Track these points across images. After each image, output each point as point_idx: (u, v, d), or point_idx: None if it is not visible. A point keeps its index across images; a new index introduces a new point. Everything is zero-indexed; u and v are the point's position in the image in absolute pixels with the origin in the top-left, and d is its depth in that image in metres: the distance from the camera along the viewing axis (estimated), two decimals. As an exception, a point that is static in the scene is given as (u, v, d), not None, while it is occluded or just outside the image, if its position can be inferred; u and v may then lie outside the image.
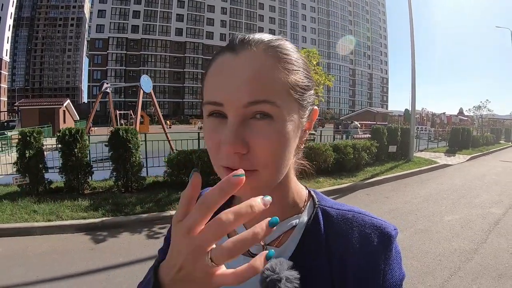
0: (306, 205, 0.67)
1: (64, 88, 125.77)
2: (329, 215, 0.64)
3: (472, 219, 6.61)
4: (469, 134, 21.69)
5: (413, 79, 15.29)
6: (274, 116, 0.52)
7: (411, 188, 9.56)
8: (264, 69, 0.53)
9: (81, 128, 7.41)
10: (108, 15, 69.44)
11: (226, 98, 0.52)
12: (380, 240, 0.58)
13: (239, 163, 0.52)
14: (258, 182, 0.54)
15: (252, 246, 0.50)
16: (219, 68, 0.55)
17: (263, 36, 0.57)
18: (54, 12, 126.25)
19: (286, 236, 0.63)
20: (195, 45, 76.93)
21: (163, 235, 5.39)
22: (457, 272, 4.26)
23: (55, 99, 36.71)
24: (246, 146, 0.52)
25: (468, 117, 50.39)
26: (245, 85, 0.52)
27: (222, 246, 0.41)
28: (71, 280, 3.94)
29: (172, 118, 59.69)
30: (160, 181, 8.26)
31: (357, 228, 0.60)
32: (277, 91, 0.53)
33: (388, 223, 0.62)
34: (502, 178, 11.65)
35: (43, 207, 6.15)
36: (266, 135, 0.52)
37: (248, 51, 0.54)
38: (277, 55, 0.55)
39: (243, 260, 0.55)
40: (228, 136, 0.51)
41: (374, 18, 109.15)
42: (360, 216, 0.62)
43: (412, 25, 15.35)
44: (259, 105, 0.52)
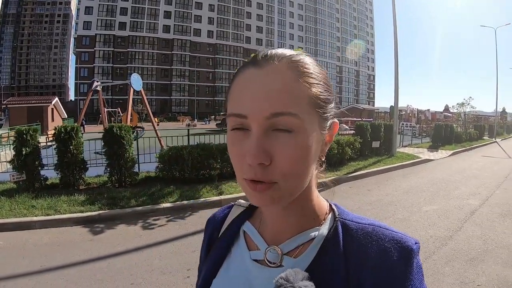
0: (326, 218, 0.66)
1: (51, 86, 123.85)
2: (348, 228, 0.63)
3: (449, 209, 6.98)
4: (452, 130, 22.16)
5: (396, 77, 15.73)
6: (296, 128, 0.54)
7: (392, 182, 9.93)
8: (286, 82, 0.54)
9: (76, 126, 7.63)
10: (95, 12, 68.43)
11: (250, 110, 0.54)
12: (400, 254, 0.57)
13: (261, 175, 0.53)
14: (278, 194, 0.55)
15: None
16: (243, 81, 0.57)
17: (285, 51, 0.59)
18: (40, 8, 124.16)
19: (304, 248, 0.63)
20: (182, 42, 76.26)
21: (157, 226, 5.77)
22: (431, 256, 4.61)
23: (43, 97, 36.34)
24: (269, 157, 0.53)
25: (453, 113, 51.13)
26: (268, 97, 0.53)
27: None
28: (74, 268, 4.19)
29: (160, 115, 59.12)
30: (152, 176, 8.55)
31: (376, 242, 0.59)
32: (299, 104, 0.54)
33: (409, 237, 0.60)
34: (482, 172, 12.06)
35: (41, 202, 6.36)
36: (288, 147, 0.53)
37: (271, 65, 0.55)
38: (298, 69, 0.56)
39: (260, 269, 0.64)
40: (252, 147, 0.53)
41: (361, 16, 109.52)
42: (380, 230, 0.61)
43: (395, 25, 15.70)
44: (281, 117, 0.53)
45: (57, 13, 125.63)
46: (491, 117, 57.32)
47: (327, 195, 0.72)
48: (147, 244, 4.94)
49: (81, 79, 66.97)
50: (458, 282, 3.90)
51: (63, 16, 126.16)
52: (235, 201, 0.82)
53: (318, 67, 0.60)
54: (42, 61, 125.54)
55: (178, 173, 8.15)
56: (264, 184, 0.54)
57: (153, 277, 3.95)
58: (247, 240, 0.70)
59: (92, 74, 66.07)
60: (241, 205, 0.79)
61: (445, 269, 4.22)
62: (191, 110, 68.83)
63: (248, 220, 0.73)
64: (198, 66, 76.27)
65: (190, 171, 8.09)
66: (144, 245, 4.91)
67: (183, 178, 8.09)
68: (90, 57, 68.57)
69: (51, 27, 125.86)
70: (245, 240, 0.70)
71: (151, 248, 4.84)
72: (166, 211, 6.48)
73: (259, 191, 0.55)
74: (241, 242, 0.70)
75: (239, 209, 0.78)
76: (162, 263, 4.30)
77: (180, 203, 6.78)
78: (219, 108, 74.52)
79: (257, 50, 0.62)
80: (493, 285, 3.86)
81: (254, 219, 0.73)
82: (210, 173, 8.34)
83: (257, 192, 0.55)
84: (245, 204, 0.78)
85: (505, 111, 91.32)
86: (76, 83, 69.02)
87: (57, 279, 3.91)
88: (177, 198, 6.97)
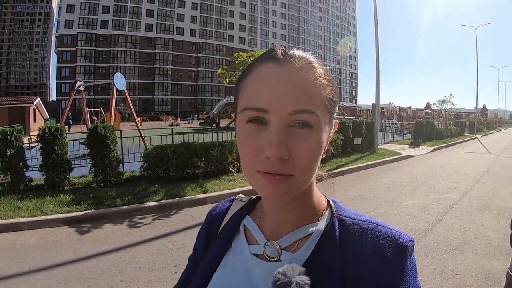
0: (324, 214, 0.67)
1: (32, 85, 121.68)
2: (345, 224, 0.64)
3: (429, 203, 7.23)
4: (433, 127, 22.63)
5: (377, 75, 16.00)
6: (314, 126, 0.56)
7: (374, 177, 10.17)
8: (307, 82, 0.56)
9: (60, 126, 7.61)
10: (77, 10, 67.26)
11: (272, 105, 0.55)
12: (394, 251, 0.58)
13: (280, 168, 0.55)
14: (292, 187, 0.57)
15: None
16: (263, 76, 0.57)
17: (301, 52, 0.60)
18: (21, 6, 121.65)
19: (302, 243, 0.64)
20: (165, 41, 75.59)
21: (144, 224, 5.84)
22: (411, 247, 4.82)
23: (25, 97, 35.60)
24: (288, 151, 0.55)
25: (434, 111, 51.91)
26: (292, 94, 0.55)
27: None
28: (63, 268, 4.22)
29: (143, 115, 58.44)
30: (137, 176, 8.61)
31: (372, 239, 0.60)
32: (317, 103, 0.56)
33: (404, 234, 0.61)
34: (462, 167, 12.42)
35: (26, 203, 6.32)
36: (307, 143, 0.55)
37: (293, 64, 0.57)
38: (315, 71, 0.58)
39: (259, 263, 0.65)
40: (274, 140, 0.54)
41: (344, 14, 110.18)
42: (375, 227, 0.62)
43: (376, 24, 15.97)
44: (303, 114, 0.55)
45: (38, 11, 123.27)
46: (472, 114, 58.36)
47: (325, 189, 0.77)
48: (134, 242, 5.01)
49: (63, 79, 65.99)
50: (438, 272, 4.08)
51: (44, 14, 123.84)
52: (220, 198, 0.87)
53: (327, 69, 0.63)
54: (23, 60, 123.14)
55: (162, 172, 8.20)
56: (281, 176, 0.55)
57: (141, 274, 4.03)
58: (247, 234, 0.71)
59: (74, 73, 65.02)
60: (242, 200, 0.81)
61: (425, 260, 4.40)
62: (174, 109, 68.39)
63: (248, 215, 0.75)
64: (181, 65, 75.73)
65: (174, 169, 8.15)
66: (131, 243, 4.98)
67: (168, 177, 8.15)
68: (72, 56, 67.43)
69: (32, 26, 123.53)
70: (245, 235, 0.71)
71: (138, 246, 4.91)
72: (152, 210, 6.54)
73: (275, 183, 0.56)
74: (241, 236, 0.72)
75: (240, 204, 0.80)
76: (149, 260, 4.38)
77: (165, 201, 6.85)
78: (202, 107, 74.16)
79: (238, 49, 0.66)
80: (471, 274, 4.05)
81: (254, 214, 0.75)
82: (194, 172, 8.40)
83: (272, 184, 0.56)
84: (246, 199, 0.81)
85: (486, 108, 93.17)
86: (58, 83, 67.83)
87: (46, 279, 3.93)
88: (162, 197, 7.04)
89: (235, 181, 8.35)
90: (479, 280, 3.92)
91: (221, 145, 8.87)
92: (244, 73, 0.62)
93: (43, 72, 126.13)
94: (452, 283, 3.85)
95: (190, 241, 5.02)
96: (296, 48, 0.61)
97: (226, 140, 9.39)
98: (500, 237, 5.29)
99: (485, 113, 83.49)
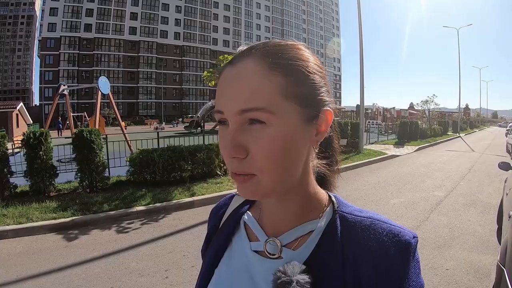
0: (325, 210, 0.65)
1: (14, 90, 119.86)
2: (347, 221, 0.62)
3: (416, 201, 7.36)
4: (417, 126, 22.94)
5: (362, 77, 16.17)
6: (267, 122, 0.53)
7: (361, 177, 10.27)
8: (253, 78, 0.54)
9: (45, 131, 7.49)
10: (60, 13, 66.43)
11: (224, 106, 0.55)
12: (397, 248, 0.57)
13: (237, 168, 0.55)
14: (257, 187, 0.56)
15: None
16: (220, 79, 0.58)
17: (260, 43, 0.58)
18: (4, 9, 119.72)
19: (303, 240, 0.63)
20: (149, 44, 75.22)
21: (132, 229, 5.80)
22: (400, 245, 4.90)
23: (7, 102, 34.89)
24: (245, 151, 0.54)
25: (418, 111, 52.60)
26: (237, 94, 0.54)
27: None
28: (51, 276, 4.16)
29: (127, 119, 57.96)
30: (123, 180, 8.53)
31: (374, 236, 0.58)
32: (268, 97, 0.53)
33: (408, 231, 0.60)
34: (447, 165, 12.68)
35: (11, 210, 6.21)
36: (261, 140, 0.54)
37: (242, 62, 0.56)
38: (269, 60, 0.55)
39: (260, 260, 0.64)
40: (227, 141, 0.55)
41: (327, 17, 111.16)
42: (378, 223, 0.60)
43: (360, 28, 16.15)
44: (251, 113, 0.53)
45: (21, 15, 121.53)
46: (455, 113, 59.29)
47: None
48: (123, 247, 4.97)
49: (46, 83, 65.00)
50: (427, 267, 4.16)
51: (27, 18, 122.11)
52: (208, 202, 0.88)
53: (302, 55, 0.59)
54: (5, 64, 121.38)
55: (149, 176, 8.16)
56: (242, 176, 0.55)
57: (132, 279, 4.00)
58: (247, 230, 0.71)
59: (57, 77, 64.23)
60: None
61: (415, 256, 4.50)
62: (159, 113, 67.97)
63: (248, 211, 0.74)
64: (165, 68, 75.33)
65: (161, 173, 8.11)
66: (120, 249, 4.94)
67: (154, 181, 8.11)
68: (55, 60, 66.60)
69: (14, 29, 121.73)
70: (246, 231, 0.71)
71: (127, 251, 4.87)
72: (140, 215, 6.50)
73: (240, 183, 0.56)
74: (241, 232, 0.71)
75: (240, 200, 0.79)
76: (139, 266, 4.35)
77: (153, 205, 6.82)
78: (186, 111, 73.97)
79: (222, 52, 0.63)
80: (461, 269, 4.15)
81: (254, 210, 0.74)
82: (181, 175, 8.36)
83: (239, 184, 0.57)
84: None
85: (468, 107, 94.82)
86: (41, 87, 66.77)
87: (34, 287, 3.88)
88: (149, 201, 7.00)
89: (222, 184, 8.34)
90: (469, 274, 4.02)
91: (208, 148, 8.87)
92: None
93: (25, 76, 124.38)
94: (443, 278, 3.94)
95: (179, 245, 5.02)
96: (263, 41, 0.59)
97: (213, 143, 9.38)
98: (487, 232, 5.43)
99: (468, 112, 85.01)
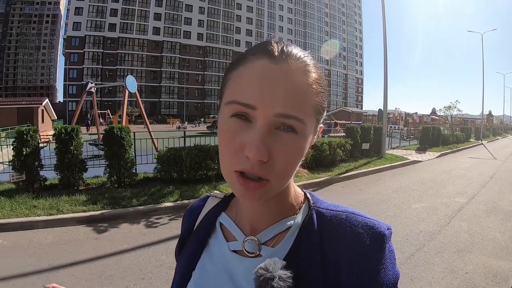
0: (301, 207, 0.67)
1: (38, 86, 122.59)
2: (323, 216, 0.63)
3: (437, 206, 7.33)
4: (439, 132, 22.61)
5: (385, 81, 16.05)
6: (298, 132, 0.54)
7: (382, 182, 10.25)
8: (300, 86, 0.55)
9: (76, 127, 7.71)
10: (85, 12, 67.56)
11: (261, 103, 0.53)
12: (372, 239, 0.58)
13: (258, 170, 0.53)
14: (267, 192, 0.56)
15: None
16: (256, 71, 0.55)
17: (300, 52, 0.58)
18: (29, 8, 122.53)
19: (281, 237, 0.64)
20: (172, 44, 75.77)
21: (161, 224, 5.93)
22: (422, 248, 4.94)
23: (33, 98, 35.92)
24: (269, 154, 0.53)
25: (440, 116, 51.82)
26: (283, 96, 0.53)
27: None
28: (83, 265, 4.28)
29: (149, 117, 58.61)
30: (150, 177, 8.69)
31: (350, 228, 0.60)
32: (306, 109, 0.55)
33: (382, 223, 0.61)
34: (468, 172, 12.49)
35: (42, 202, 6.39)
36: (289, 148, 0.54)
37: (288, 65, 0.55)
38: (310, 75, 0.56)
39: (239, 260, 0.65)
40: (256, 140, 0.52)
41: (350, 20, 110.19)
42: (353, 217, 0.61)
43: (385, 30, 16.01)
44: (288, 119, 0.53)
45: (46, 13, 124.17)
46: (478, 120, 58.26)
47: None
48: (153, 241, 5.10)
49: (70, 81, 66.35)
50: (447, 271, 4.21)
51: (52, 17, 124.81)
52: None
53: (322, 73, 0.60)
54: (30, 61, 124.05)
55: (176, 173, 8.29)
56: (256, 183, 0.55)
57: (162, 271, 4.11)
58: (224, 231, 0.70)
59: (81, 75, 65.53)
60: (217, 196, 0.79)
61: (435, 259, 4.54)
62: (180, 113, 68.17)
63: (224, 211, 0.74)
64: (188, 69, 75.69)
65: (188, 171, 8.23)
66: (150, 242, 5.07)
67: (181, 178, 8.23)
68: (79, 58, 67.62)
69: (39, 27, 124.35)
70: (222, 232, 0.70)
71: (157, 245, 4.99)
72: (168, 210, 6.63)
73: (249, 187, 0.55)
74: (218, 233, 0.71)
75: (215, 201, 0.78)
76: (169, 259, 4.44)
77: (181, 202, 6.93)
78: (208, 111, 74.21)
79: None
80: (480, 273, 4.18)
81: (230, 210, 0.74)
82: (206, 174, 8.49)
83: (248, 187, 0.55)
84: (221, 195, 0.79)
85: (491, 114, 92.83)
86: (65, 84, 67.97)
87: (66, 276, 3.96)
88: (177, 198, 7.14)
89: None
90: (488, 278, 4.05)
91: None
92: (236, 63, 0.60)
93: (49, 73, 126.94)
94: (462, 281, 3.97)
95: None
96: (294, 46, 0.59)
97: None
98: (506, 239, 5.43)
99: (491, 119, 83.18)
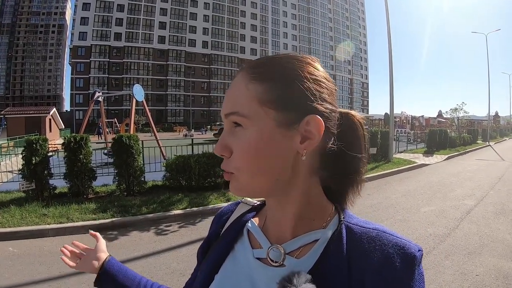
0: (330, 220, 0.65)
1: (45, 96, 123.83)
2: (353, 232, 0.62)
3: (446, 209, 7.31)
4: (446, 135, 22.49)
5: (391, 85, 16.00)
6: (243, 125, 0.59)
7: (390, 186, 10.25)
8: (237, 86, 0.61)
9: (85, 136, 7.79)
10: (91, 22, 68.21)
11: (221, 111, 0.63)
12: (402, 261, 0.56)
13: (224, 165, 0.62)
14: (237, 185, 0.61)
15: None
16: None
17: (259, 59, 0.64)
18: (35, 18, 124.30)
19: (307, 249, 0.62)
20: (177, 52, 76.16)
21: (170, 231, 5.95)
22: (432, 251, 4.94)
23: (41, 107, 36.15)
24: (230, 151, 0.60)
25: (447, 119, 51.58)
26: (226, 101, 0.62)
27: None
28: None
29: (156, 125, 58.94)
30: (159, 185, 8.72)
31: (380, 247, 0.58)
32: (242, 103, 0.59)
33: (413, 244, 0.59)
34: (476, 174, 12.42)
35: (52, 210, 6.43)
36: (240, 141, 0.59)
37: (236, 75, 0.63)
38: (249, 75, 0.60)
39: (262, 268, 0.64)
40: (219, 140, 0.62)
41: (354, 24, 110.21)
42: (384, 235, 0.60)
43: (389, 34, 15.98)
44: (231, 116, 0.60)
45: (52, 24, 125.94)
46: (484, 121, 57.93)
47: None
48: (163, 249, 5.12)
49: (77, 90, 66.95)
50: (458, 273, 4.20)
51: (58, 27, 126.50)
52: None
53: (288, 63, 0.61)
54: (37, 71, 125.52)
55: (185, 181, 8.32)
56: (226, 173, 0.62)
57: (174, 278, 4.12)
58: (250, 238, 0.70)
59: (87, 84, 66.21)
60: (247, 203, 0.80)
61: (445, 262, 4.54)
62: (187, 120, 68.33)
63: (252, 219, 0.74)
64: (193, 76, 76.00)
65: (197, 179, 8.26)
66: (160, 249, 5.09)
67: (190, 186, 8.25)
68: (85, 67, 68.12)
69: (46, 38, 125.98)
70: (249, 238, 0.70)
71: (167, 252, 5.01)
72: (177, 218, 6.65)
73: (226, 179, 0.63)
74: (244, 239, 0.70)
75: (245, 207, 0.79)
76: (180, 266, 4.47)
77: (190, 210, 6.95)
78: (214, 118, 74.25)
79: (249, 60, 0.62)
80: (490, 275, 4.17)
81: (258, 218, 0.74)
82: (215, 181, 8.51)
83: (226, 180, 0.63)
84: (251, 203, 0.80)
85: (498, 115, 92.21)
86: (72, 94, 68.52)
87: (77, 284, 3.95)
88: (186, 205, 7.15)
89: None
90: (498, 280, 4.04)
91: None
92: None
93: (56, 83, 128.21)
94: (473, 283, 3.97)
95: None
96: (265, 59, 0.63)
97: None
98: (516, 240, 5.39)
99: (497, 120, 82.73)
